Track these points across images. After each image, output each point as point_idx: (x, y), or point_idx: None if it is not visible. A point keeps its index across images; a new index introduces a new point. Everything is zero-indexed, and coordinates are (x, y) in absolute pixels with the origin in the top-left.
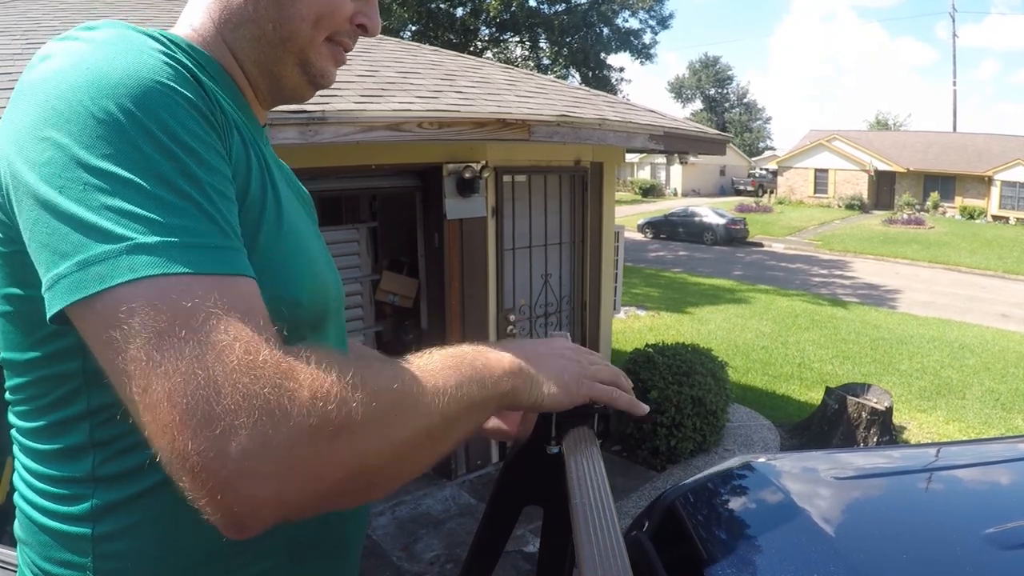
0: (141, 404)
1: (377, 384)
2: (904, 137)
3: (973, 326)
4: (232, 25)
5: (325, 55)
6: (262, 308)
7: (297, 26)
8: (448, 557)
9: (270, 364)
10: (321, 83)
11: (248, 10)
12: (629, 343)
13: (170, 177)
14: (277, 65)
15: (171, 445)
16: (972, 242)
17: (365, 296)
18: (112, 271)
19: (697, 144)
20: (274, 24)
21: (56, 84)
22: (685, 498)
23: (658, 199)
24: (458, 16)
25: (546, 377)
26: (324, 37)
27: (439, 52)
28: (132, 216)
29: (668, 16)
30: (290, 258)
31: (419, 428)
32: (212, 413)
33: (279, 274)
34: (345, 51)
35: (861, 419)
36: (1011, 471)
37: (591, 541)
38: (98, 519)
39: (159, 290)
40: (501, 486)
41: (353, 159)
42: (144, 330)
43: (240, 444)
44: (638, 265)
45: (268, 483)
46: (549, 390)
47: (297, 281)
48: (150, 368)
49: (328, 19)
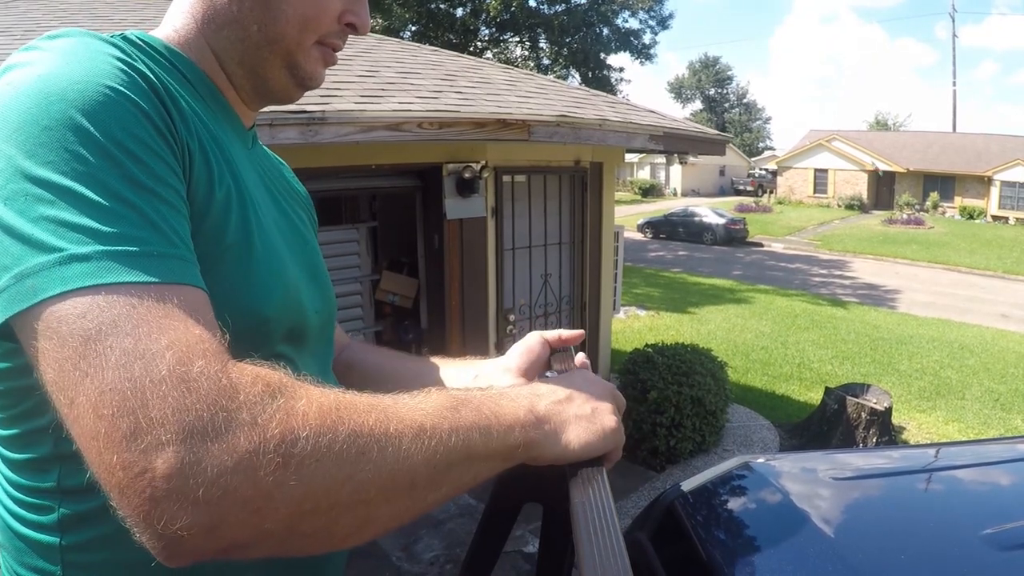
0: (68, 417)
1: (340, 415)
2: (904, 137)
3: (972, 326)
4: (216, 26)
5: (314, 58)
6: (207, 317)
7: (283, 28)
8: (448, 557)
9: (206, 377)
10: (309, 85)
11: (232, 11)
12: (629, 343)
13: (114, 185)
14: (263, 67)
15: (98, 459)
16: (972, 242)
17: (365, 296)
18: (45, 283)
19: (697, 144)
20: (259, 26)
21: (8, 94)
22: (684, 498)
23: (658, 199)
24: (458, 16)
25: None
26: (313, 40)
27: (439, 52)
28: (70, 226)
29: (668, 16)
30: (257, 271)
31: (392, 472)
32: (138, 426)
33: (244, 287)
34: (335, 51)
35: (860, 419)
36: (1010, 471)
37: (591, 541)
38: (66, 529)
39: (90, 300)
40: (500, 484)
41: (353, 159)
42: (72, 340)
43: (167, 462)
44: (638, 265)
45: (197, 510)
46: (577, 440)
47: (264, 295)
48: (76, 379)
49: (315, 21)
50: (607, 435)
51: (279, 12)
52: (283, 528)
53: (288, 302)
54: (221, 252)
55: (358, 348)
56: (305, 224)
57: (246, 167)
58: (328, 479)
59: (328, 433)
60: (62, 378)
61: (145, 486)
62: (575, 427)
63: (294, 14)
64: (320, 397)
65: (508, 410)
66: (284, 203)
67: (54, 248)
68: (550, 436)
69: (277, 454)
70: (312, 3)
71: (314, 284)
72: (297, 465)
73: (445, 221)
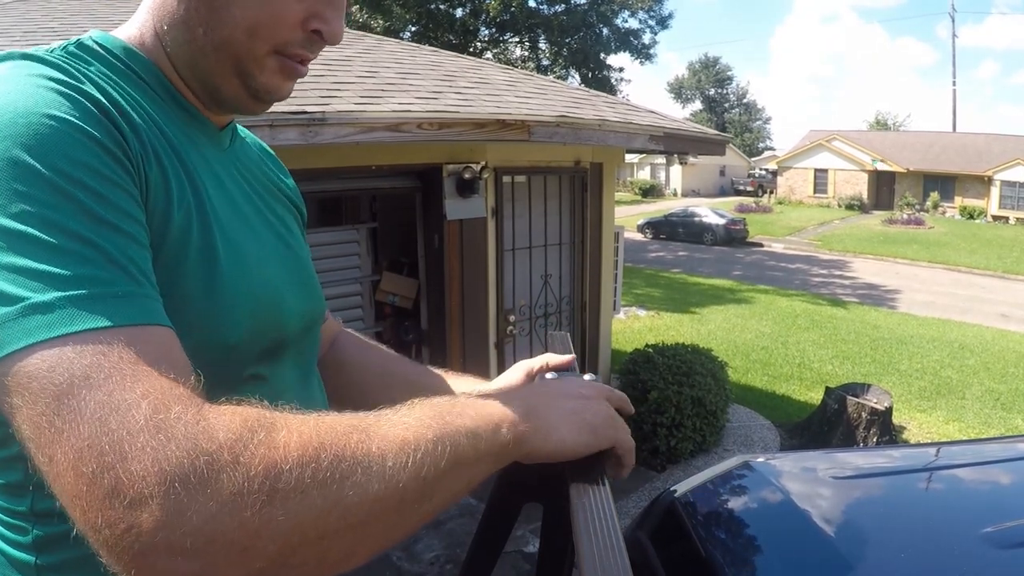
0: (49, 475)
1: (322, 441)
2: (904, 137)
3: (973, 326)
4: (166, 26)
5: (271, 70)
6: (179, 358)
7: (230, 33)
8: (448, 557)
9: (183, 422)
10: (266, 99)
11: (180, 11)
12: (629, 343)
13: (69, 224)
14: (212, 74)
15: (83, 518)
16: (972, 242)
17: (365, 296)
18: (8, 337)
19: (697, 144)
20: (204, 28)
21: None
22: (685, 498)
23: (658, 199)
24: (458, 17)
25: (563, 419)
26: (269, 50)
27: (439, 53)
28: (28, 272)
29: (668, 16)
30: (221, 297)
31: (379, 493)
32: (120, 482)
33: (207, 317)
34: (303, 63)
35: (861, 419)
36: (1010, 471)
37: (591, 541)
38: (41, 550)
39: (58, 352)
40: (500, 484)
41: (353, 160)
42: (44, 396)
43: (153, 516)
44: (638, 265)
45: (186, 559)
46: (570, 433)
47: (229, 323)
48: (52, 436)
49: (267, 29)
50: (599, 428)
51: (225, 15)
52: (274, 563)
53: (258, 323)
54: (179, 279)
55: (352, 345)
56: (288, 222)
57: (213, 173)
58: (315, 509)
59: (311, 463)
60: (38, 436)
61: (132, 542)
62: (567, 421)
63: (242, 18)
64: (300, 426)
65: (495, 409)
66: (263, 201)
67: (14, 298)
68: (540, 430)
69: (262, 492)
70: (263, 7)
71: (297, 286)
72: (283, 500)
73: (445, 222)
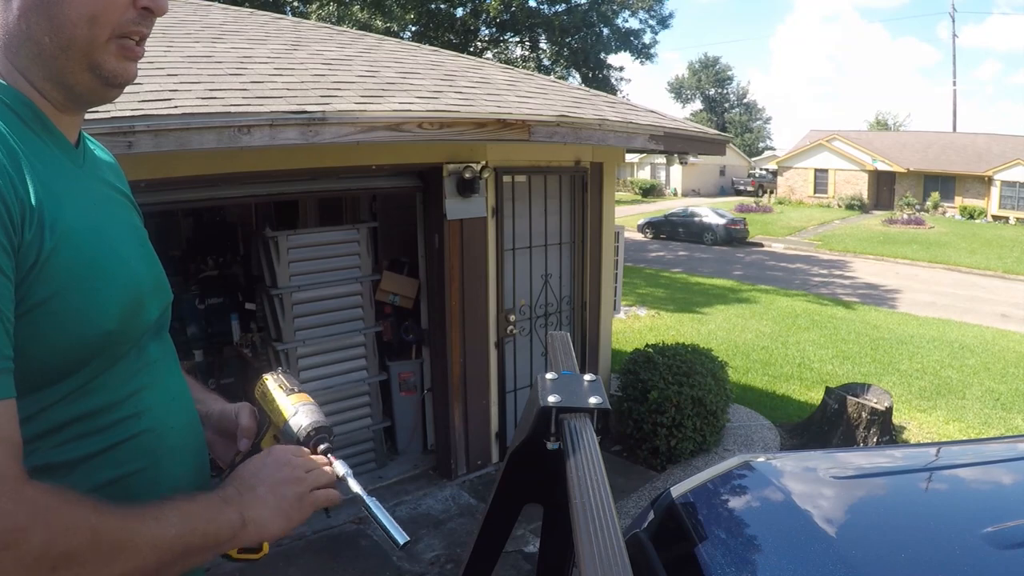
0: None
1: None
2: (904, 137)
3: (973, 326)
4: (14, 49)
5: (113, 53)
6: (8, 432)
7: (72, 32)
8: (448, 557)
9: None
10: (117, 83)
11: (23, 28)
12: (629, 343)
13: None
14: (65, 76)
15: None
16: (972, 242)
17: (365, 296)
18: None
19: (697, 144)
20: (49, 36)
21: None
22: (685, 498)
23: (658, 199)
24: (458, 16)
25: (266, 512)
26: (108, 35)
27: (439, 52)
28: None
29: (668, 16)
30: (90, 288)
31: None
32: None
33: (79, 311)
34: (139, 40)
35: (861, 419)
36: (1010, 471)
37: (591, 541)
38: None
39: None
40: (503, 483)
41: (353, 159)
42: None
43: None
44: (638, 265)
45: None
46: (273, 525)
47: (103, 312)
48: None
49: (104, 15)
50: (290, 513)
51: (63, 17)
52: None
53: (130, 305)
54: (55, 288)
55: None
56: (139, 220)
57: (76, 188)
58: None
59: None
60: None
61: None
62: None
63: (79, 15)
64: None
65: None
66: (118, 204)
67: None
68: (250, 526)
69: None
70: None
71: (153, 274)
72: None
73: (445, 221)
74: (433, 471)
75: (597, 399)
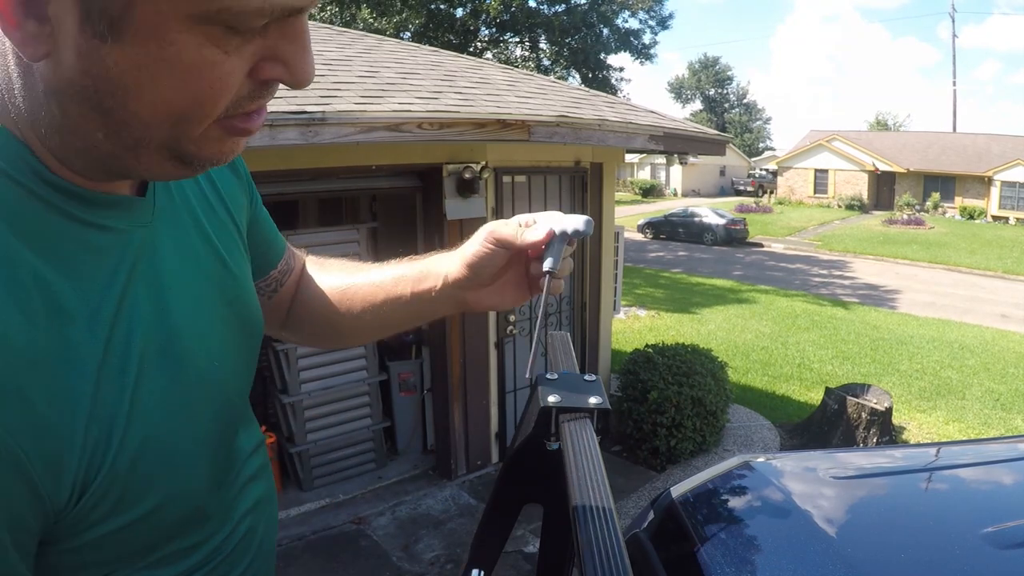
0: None
1: None
2: (904, 137)
3: (973, 326)
4: (43, 130)
5: (214, 139)
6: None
7: (144, 133)
8: (448, 557)
9: None
10: (212, 166)
11: (56, 115)
12: (629, 343)
13: None
14: (128, 167)
15: None
16: (972, 242)
17: None
18: None
19: (697, 144)
20: (105, 133)
21: None
22: (685, 498)
23: (658, 199)
24: (458, 17)
25: None
26: (201, 129)
27: (439, 53)
28: None
29: (668, 16)
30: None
31: None
32: None
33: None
34: (258, 114)
35: (861, 419)
36: (1010, 471)
37: (591, 541)
38: None
39: None
40: (502, 483)
41: (353, 159)
42: None
43: None
44: (638, 265)
45: None
46: None
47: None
48: None
49: (200, 110)
50: None
51: (125, 114)
52: None
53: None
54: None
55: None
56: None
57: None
58: None
59: None
60: None
61: None
62: None
63: (156, 115)
64: None
65: None
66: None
67: None
68: None
69: None
70: (186, 94)
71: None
72: None
73: (445, 222)
74: (433, 471)
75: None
